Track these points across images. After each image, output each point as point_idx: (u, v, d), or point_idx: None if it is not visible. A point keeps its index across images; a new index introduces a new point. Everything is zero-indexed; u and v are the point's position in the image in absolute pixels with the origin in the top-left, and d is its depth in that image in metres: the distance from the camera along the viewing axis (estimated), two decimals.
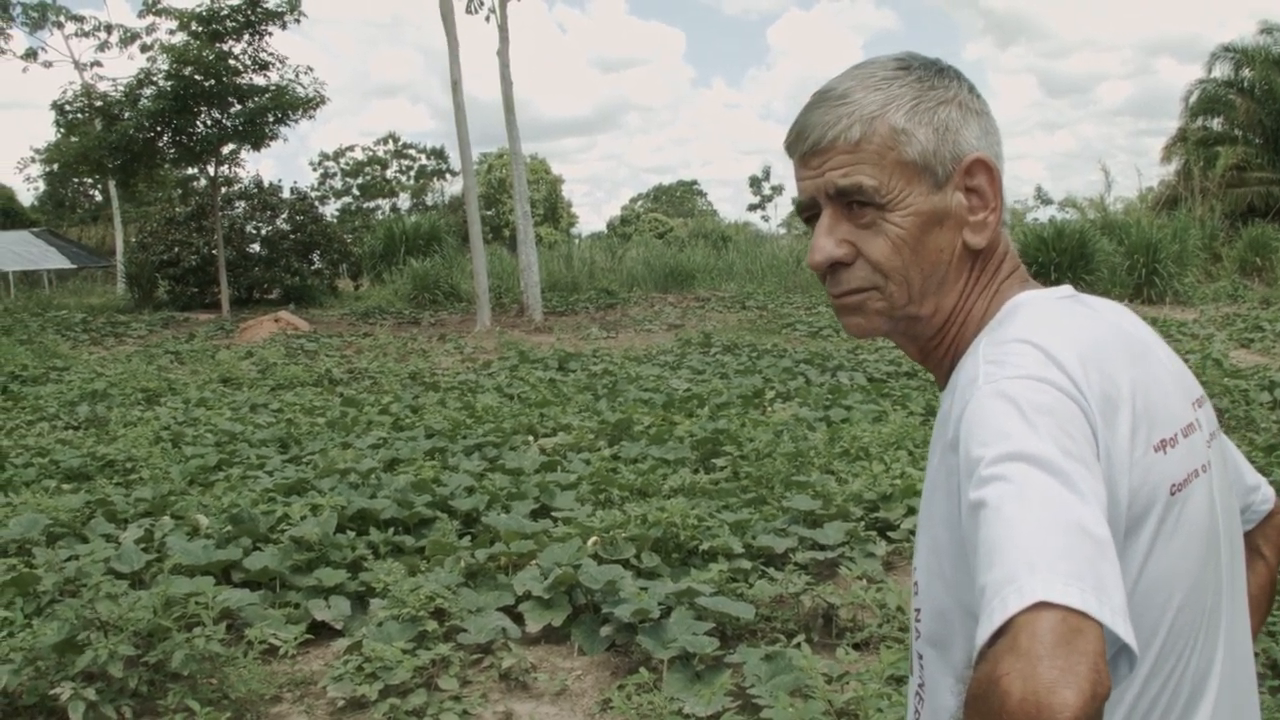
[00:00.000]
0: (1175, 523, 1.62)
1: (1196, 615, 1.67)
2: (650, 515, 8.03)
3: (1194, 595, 1.66)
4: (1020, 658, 1.26)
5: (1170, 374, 1.74)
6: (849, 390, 15.55)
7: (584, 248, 46.36)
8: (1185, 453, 1.66)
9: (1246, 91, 44.38)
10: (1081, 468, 1.44)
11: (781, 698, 5.29)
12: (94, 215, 69.80)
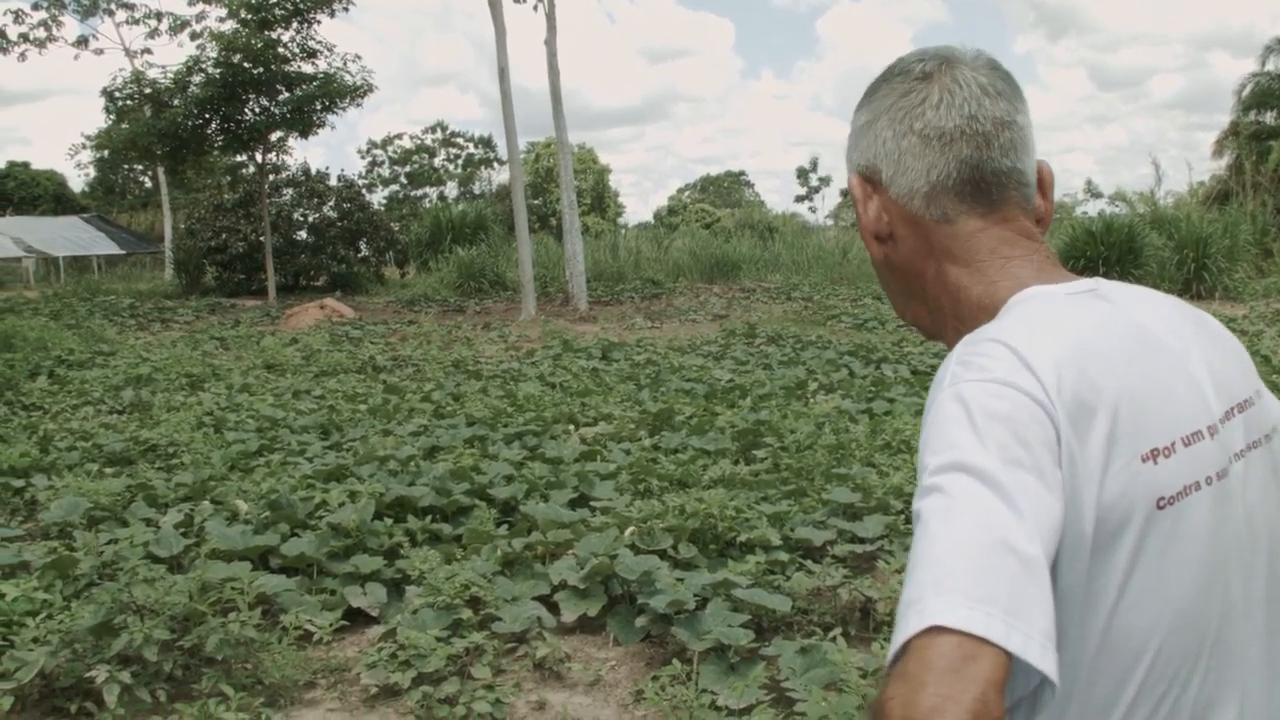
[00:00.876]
0: (1165, 539, 1.51)
1: (1196, 640, 1.55)
2: (689, 506, 7.99)
3: (1193, 618, 1.55)
4: (906, 683, 1.23)
5: (1189, 376, 1.63)
6: (892, 383, 15.46)
7: (630, 237, 46.32)
8: (1185, 463, 1.54)
9: None
10: (1030, 478, 1.39)
11: (815, 691, 5.25)
12: (144, 202, 70.28)
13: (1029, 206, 1.76)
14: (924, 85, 1.74)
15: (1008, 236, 1.74)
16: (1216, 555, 1.56)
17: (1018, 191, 1.74)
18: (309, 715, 5.87)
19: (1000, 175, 1.72)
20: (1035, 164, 1.78)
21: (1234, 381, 1.69)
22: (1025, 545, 1.32)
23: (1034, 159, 1.77)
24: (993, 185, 1.72)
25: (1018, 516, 1.34)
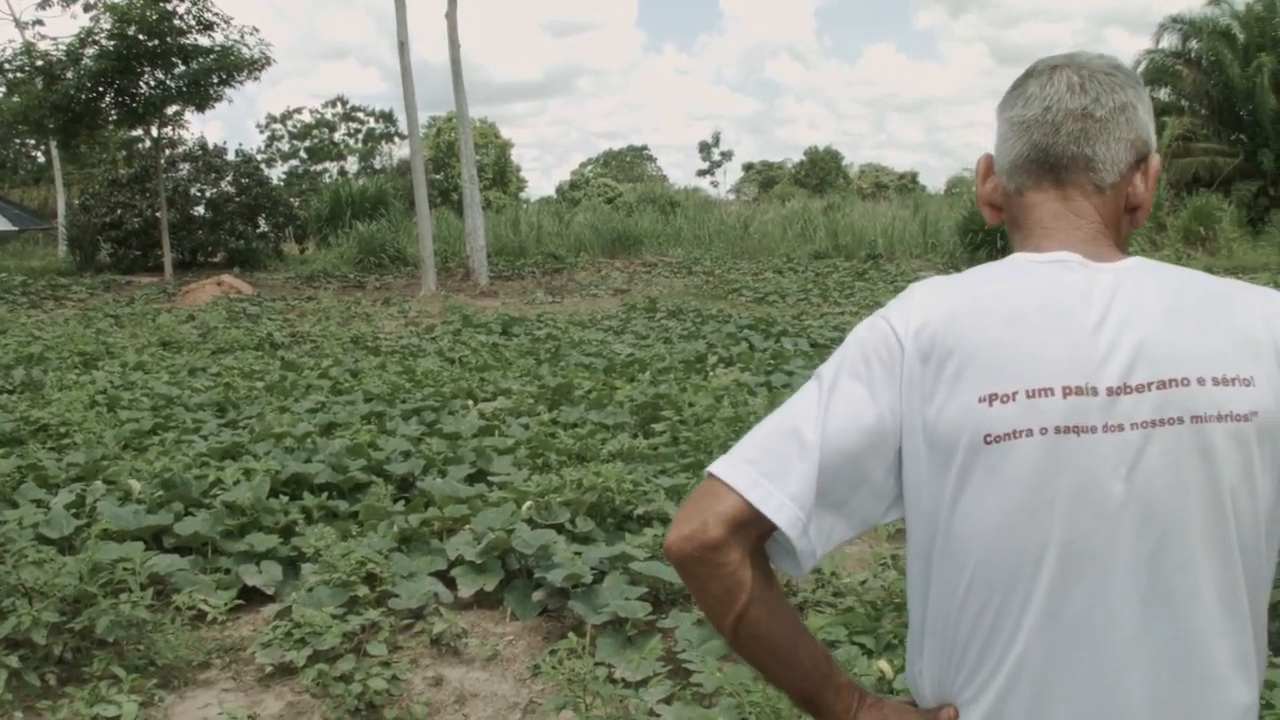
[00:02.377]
0: (989, 470, 1.78)
1: (1015, 563, 1.80)
2: (586, 480, 8.00)
3: (1011, 543, 1.80)
4: (682, 505, 1.85)
5: (1083, 345, 1.81)
6: (792, 356, 15.55)
7: (532, 212, 46.06)
8: (1021, 411, 1.77)
9: (1194, 62, 44.66)
10: (858, 387, 1.86)
11: (711, 663, 5.28)
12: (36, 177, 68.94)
13: (1103, 185, 1.98)
14: (1026, 82, 2.06)
15: (1059, 211, 1.99)
16: (1041, 496, 1.78)
17: (1083, 174, 1.98)
18: (203, 696, 5.82)
19: (1065, 159, 1.98)
20: (1126, 152, 1.99)
21: (1173, 363, 1.80)
22: (809, 433, 1.83)
23: (1121, 150, 1.98)
24: (1057, 166, 1.98)
25: (821, 411, 1.85)
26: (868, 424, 1.83)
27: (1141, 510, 1.78)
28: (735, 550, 1.82)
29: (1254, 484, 1.81)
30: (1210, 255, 32.71)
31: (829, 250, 36.10)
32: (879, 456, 1.86)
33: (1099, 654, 1.79)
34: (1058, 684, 1.81)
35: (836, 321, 20.09)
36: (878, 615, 6.22)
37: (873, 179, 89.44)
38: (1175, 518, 1.78)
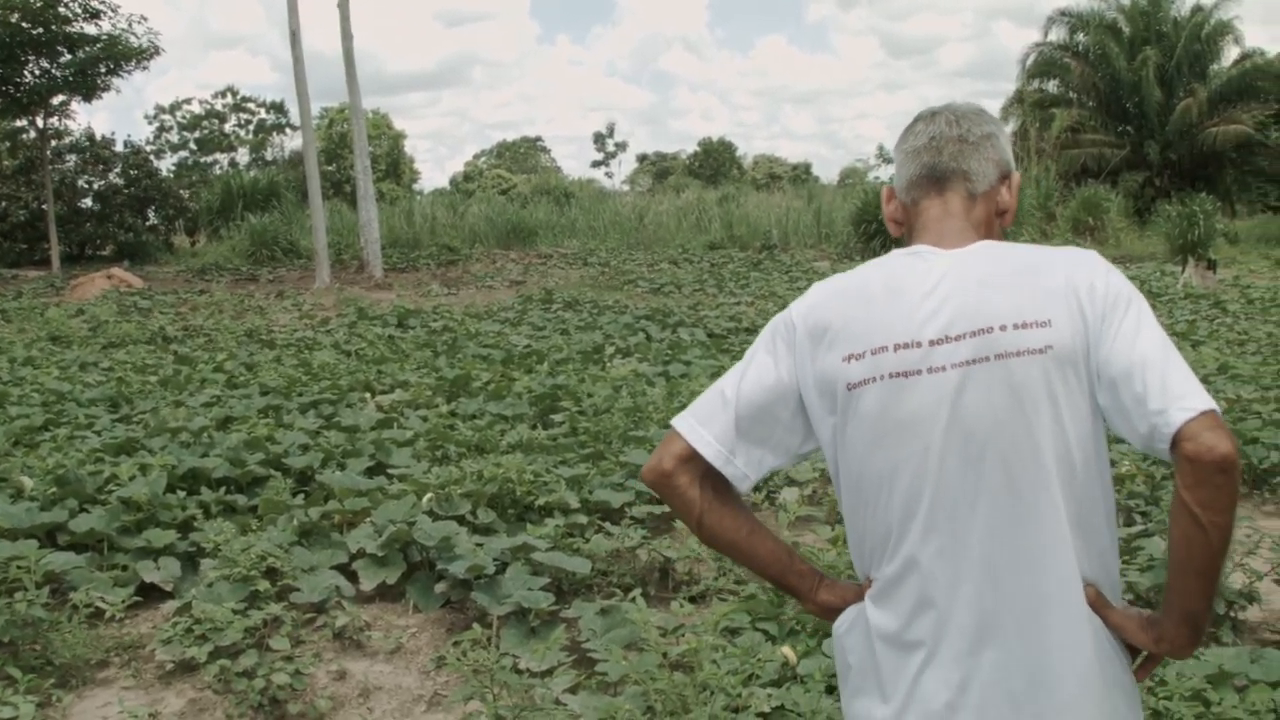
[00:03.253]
0: (853, 410, 2.44)
1: (877, 476, 2.44)
2: (487, 471, 8.00)
3: (873, 463, 2.44)
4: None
5: (901, 317, 2.42)
6: (689, 346, 15.64)
7: (426, 204, 45.82)
8: (867, 365, 2.41)
9: (1081, 55, 45.53)
10: (767, 358, 2.57)
11: (616, 651, 5.30)
12: None
13: (974, 194, 2.61)
14: (915, 124, 2.74)
15: (940, 214, 2.61)
16: (888, 427, 2.41)
17: (956, 184, 2.61)
18: (102, 695, 5.75)
19: (947, 172, 2.62)
20: (992, 170, 2.64)
21: (985, 314, 2.37)
22: (729, 392, 2.55)
23: (989, 167, 2.63)
24: (941, 179, 2.62)
25: (738, 377, 2.57)
26: (769, 382, 2.55)
27: (964, 428, 2.35)
28: (683, 476, 2.55)
29: (1057, 402, 2.33)
30: (1099, 244, 33.23)
31: (724, 241, 36.27)
32: (784, 404, 2.55)
33: (941, 543, 2.40)
34: (920, 560, 2.42)
35: (732, 312, 20.20)
36: (780, 602, 6.27)
37: (767, 170, 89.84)
38: (992, 432, 2.34)
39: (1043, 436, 2.32)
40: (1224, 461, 2.13)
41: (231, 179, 43.63)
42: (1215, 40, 44.76)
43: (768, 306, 21.16)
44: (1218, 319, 19.05)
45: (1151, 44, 43.84)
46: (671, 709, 4.66)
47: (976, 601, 2.38)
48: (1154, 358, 2.27)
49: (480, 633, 5.28)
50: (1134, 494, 8.18)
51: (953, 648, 2.40)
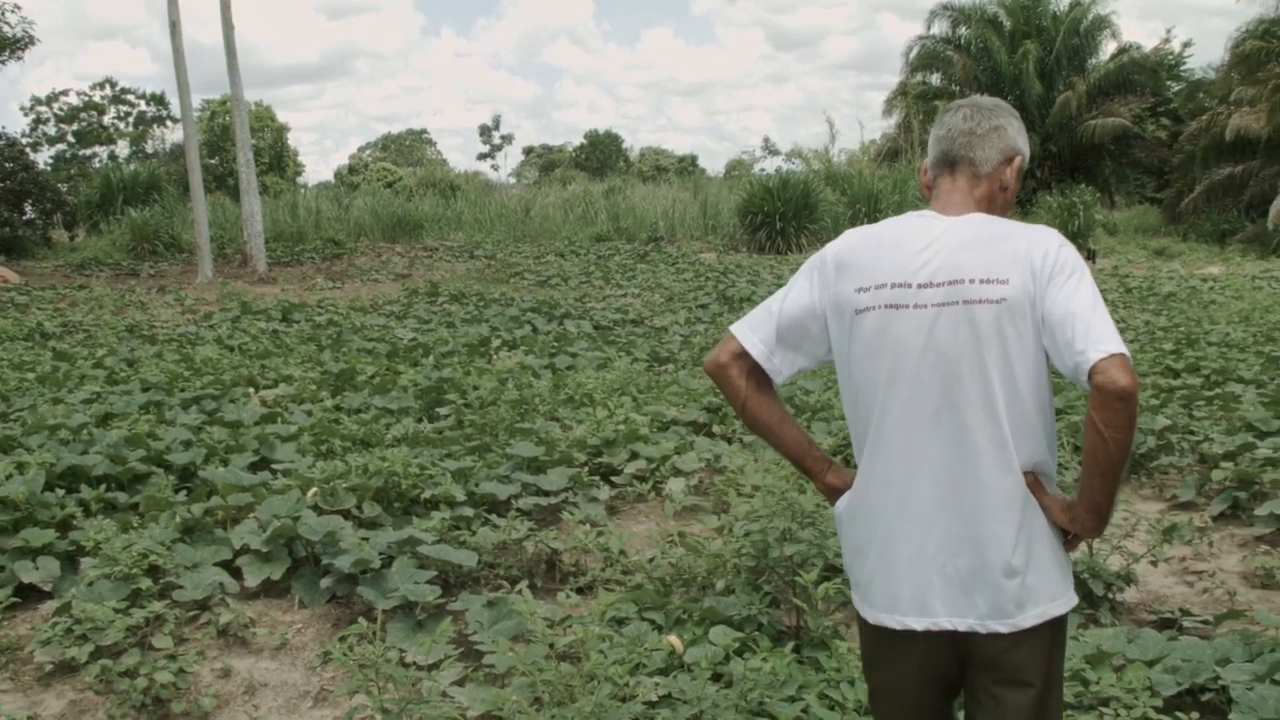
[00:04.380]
0: (858, 330, 3.21)
1: (873, 383, 3.21)
2: (372, 465, 7.96)
3: (869, 372, 3.21)
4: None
5: (902, 264, 3.18)
6: (575, 338, 15.68)
7: (310, 197, 45.33)
8: (871, 295, 3.19)
9: (963, 48, 46.18)
10: (804, 282, 3.34)
11: (502, 643, 5.29)
12: None
13: (978, 175, 3.32)
14: (942, 115, 3.47)
15: (949, 188, 3.35)
16: (886, 343, 3.17)
17: (964, 166, 3.33)
18: None
19: (957, 158, 3.35)
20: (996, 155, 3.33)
21: (960, 270, 3.12)
22: (775, 306, 3.34)
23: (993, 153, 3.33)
24: (953, 162, 3.35)
25: (783, 297, 3.34)
26: (805, 303, 3.34)
27: (936, 352, 3.12)
28: (734, 368, 3.38)
29: (1005, 340, 3.07)
30: None
31: (611, 233, 36.29)
32: (813, 320, 3.34)
33: (909, 438, 3.19)
34: (890, 455, 3.23)
35: (619, 304, 20.25)
36: (666, 591, 6.31)
37: (653, 162, 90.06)
38: (954, 357, 3.11)
39: (991, 364, 3.08)
40: (1124, 392, 2.86)
41: (111, 172, 42.80)
42: (1093, 35, 45.63)
43: (654, 298, 21.24)
44: None
45: (1032, 38, 44.56)
46: (559, 699, 4.67)
47: (928, 482, 3.18)
48: (1083, 311, 2.98)
49: (366, 627, 5.25)
50: None
51: (912, 516, 3.21)
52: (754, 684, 4.85)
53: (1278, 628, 5.73)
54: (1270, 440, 9.24)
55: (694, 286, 22.80)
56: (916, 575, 3.22)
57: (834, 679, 5.12)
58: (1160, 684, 5.11)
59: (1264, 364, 13.00)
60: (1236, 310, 18.38)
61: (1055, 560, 3.20)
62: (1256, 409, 10.24)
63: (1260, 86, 34.94)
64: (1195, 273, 25.12)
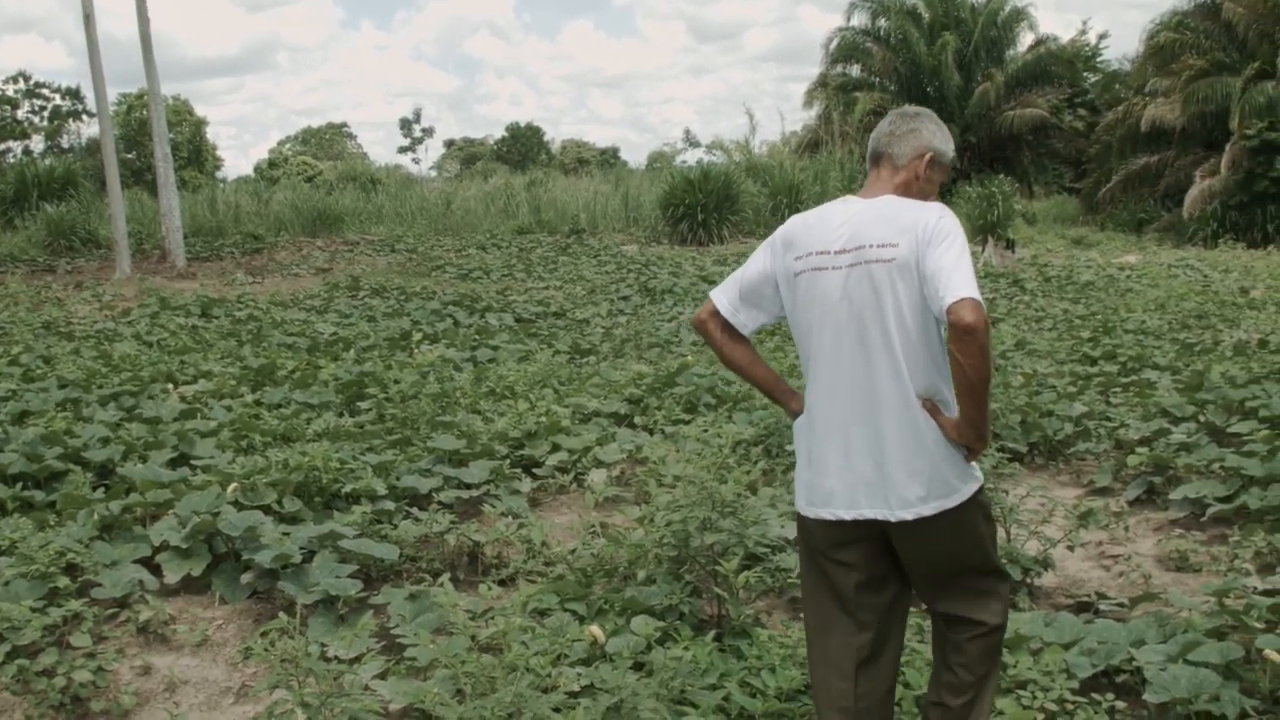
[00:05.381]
0: (796, 288, 4.06)
1: (805, 328, 4.06)
2: (292, 460, 7.93)
3: (811, 322, 4.02)
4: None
5: (825, 237, 4.02)
6: (496, 331, 15.71)
7: (229, 192, 44.87)
8: (805, 262, 4.03)
9: (882, 40, 46.53)
10: (761, 257, 4.21)
11: (424, 636, 5.31)
12: None
13: (897, 166, 4.15)
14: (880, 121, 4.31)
15: (872, 179, 4.22)
16: (814, 297, 3.99)
17: (886, 160, 4.18)
18: None
19: (877, 153, 4.21)
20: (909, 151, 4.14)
21: (864, 237, 3.92)
22: (739, 275, 4.25)
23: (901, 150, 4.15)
24: (876, 157, 4.23)
25: (745, 268, 4.25)
26: (761, 271, 4.21)
27: (848, 302, 3.93)
28: (711, 324, 4.31)
29: (896, 291, 3.85)
30: None
31: (532, 226, 36.22)
32: (767, 284, 4.19)
33: (833, 369, 4.00)
34: (821, 383, 4.06)
35: (541, 296, 20.26)
36: (588, 582, 6.34)
37: (575, 154, 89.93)
38: (860, 306, 3.92)
39: (887, 310, 3.87)
40: (969, 327, 3.62)
41: (26, 167, 42.21)
42: (1011, 26, 46.20)
43: (576, 291, 21.26)
44: (1016, 297, 19.68)
45: (950, 30, 44.97)
46: (480, 691, 4.68)
47: (846, 403, 3.99)
48: (947, 266, 3.73)
49: (287, 622, 5.24)
50: None
51: (838, 429, 4.02)
52: (675, 673, 4.88)
53: (1191, 609, 5.85)
54: (1184, 426, 9.42)
55: (616, 279, 22.83)
56: (843, 477, 4.02)
57: (755, 667, 5.17)
58: (1076, 666, 5.23)
59: (1179, 351, 13.24)
60: (1152, 298, 18.65)
61: (951, 466, 3.94)
62: (1171, 395, 10.42)
63: (1174, 78, 35.47)
64: (1112, 261, 25.43)
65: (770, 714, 4.80)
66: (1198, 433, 9.25)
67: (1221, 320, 15.91)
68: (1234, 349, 13.24)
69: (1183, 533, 7.54)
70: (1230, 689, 4.92)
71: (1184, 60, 35.51)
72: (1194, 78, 34.49)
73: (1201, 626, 5.46)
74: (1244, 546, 6.99)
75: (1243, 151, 31.60)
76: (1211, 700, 4.85)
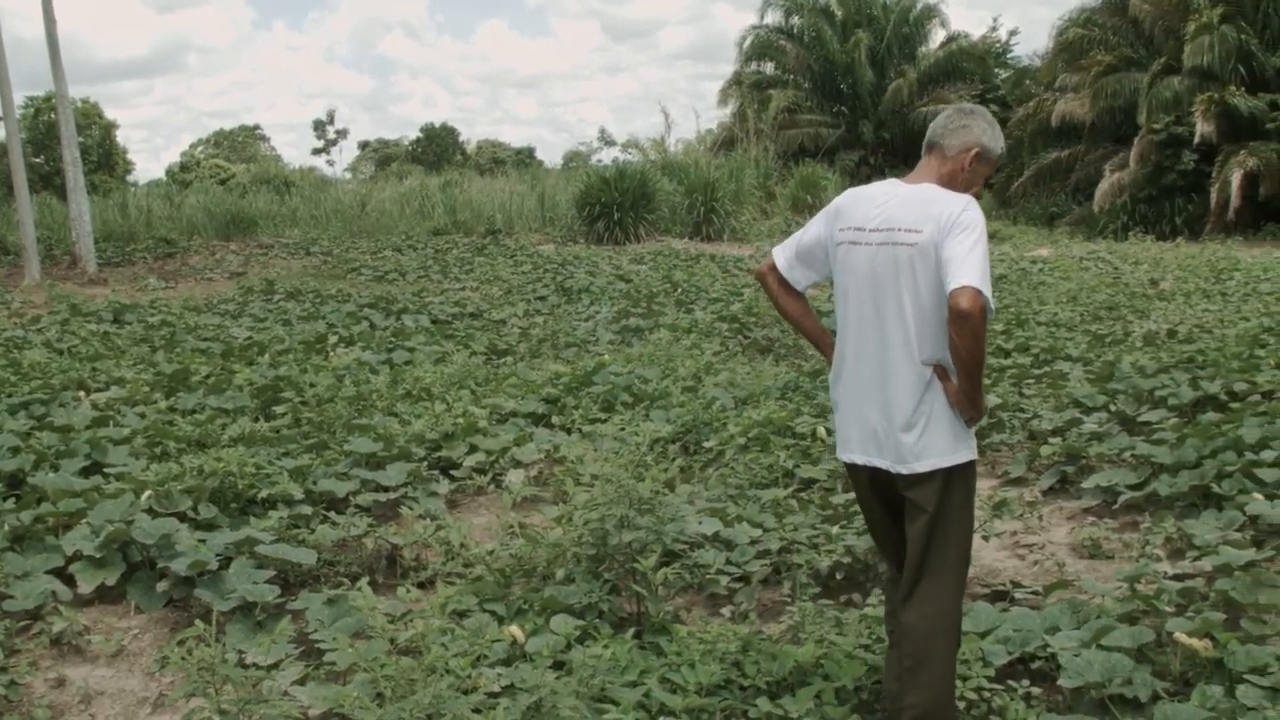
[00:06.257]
0: (837, 256, 4.65)
1: (844, 292, 4.62)
2: (207, 466, 7.87)
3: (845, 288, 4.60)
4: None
5: (865, 214, 4.54)
6: (413, 333, 15.63)
7: (141, 196, 44.37)
8: (847, 234, 4.58)
9: (796, 37, 46.85)
10: (818, 223, 4.80)
11: (342, 640, 5.27)
12: None
13: (945, 157, 4.61)
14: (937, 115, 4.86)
15: (924, 165, 4.68)
16: (849, 267, 4.58)
17: (937, 150, 4.63)
18: None
19: (932, 143, 4.66)
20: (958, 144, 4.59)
21: (895, 221, 4.44)
22: (798, 237, 4.88)
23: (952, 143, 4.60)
24: (930, 145, 4.68)
25: (804, 231, 4.88)
26: (817, 236, 4.76)
27: (873, 276, 4.48)
28: (770, 277, 4.90)
29: (915, 271, 4.36)
30: None
31: (448, 227, 36.05)
32: (820, 248, 4.75)
33: (857, 332, 4.59)
34: (847, 343, 4.65)
35: (457, 297, 20.18)
36: (507, 583, 6.34)
37: (490, 155, 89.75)
38: (882, 281, 4.46)
39: (904, 288, 4.40)
40: (964, 313, 4.11)
41: None
42: (923, 23, 46.76)
43: (492, 291, 21.19)
44: None
45: (863, 27, 45.41)
46: (400, 693, 4.67)
47: (864, 363, 4.58)
48: (959, 256, 4.20)
49: (203, 629, 5.20)
50: None
51: (858, 385, 4.62)
52: (594, 671, 4.89)
53: (1103, 595, 5.96)
54: (1095, 416, 9.55)
55: (532, 278, 22.77)
56: (859, 427, 4.65)
57: (675, 663, 5.19)
58: (992, 654, 5.32)
59: (1090, 342, 13.40)
60: (1064, 291, 18.86)
61: (948, 428, 4.46)
62: (1083, 386, 10.54)
63: (1083, 73, 35.88)
64: (1025, 255, 25.65)
65: (691, 709, 4.82)
66: (1109, 422, 9.40)
67: (1132, 311, 16.11)
68: (1144, 339, 13.42)
69: (1095, 521, 7.65)
70: (1142, 672, 5.05)
71: (1093, 56, 35.94)
72: (1102, 73, 34.91)
73: (1114, 612, 5.60)
74: (1154, 533, 7.11)
75: (1151, 145, 32.07)
76: (1124, 684, 4.97)
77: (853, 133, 45.29)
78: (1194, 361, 11.23)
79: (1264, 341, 12.20)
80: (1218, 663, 5.10)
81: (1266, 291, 17.91)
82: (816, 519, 7.22)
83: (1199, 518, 7.20)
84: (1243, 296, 17.59)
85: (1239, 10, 32.03)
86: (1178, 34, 32.75)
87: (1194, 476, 7.69)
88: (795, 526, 7.04)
